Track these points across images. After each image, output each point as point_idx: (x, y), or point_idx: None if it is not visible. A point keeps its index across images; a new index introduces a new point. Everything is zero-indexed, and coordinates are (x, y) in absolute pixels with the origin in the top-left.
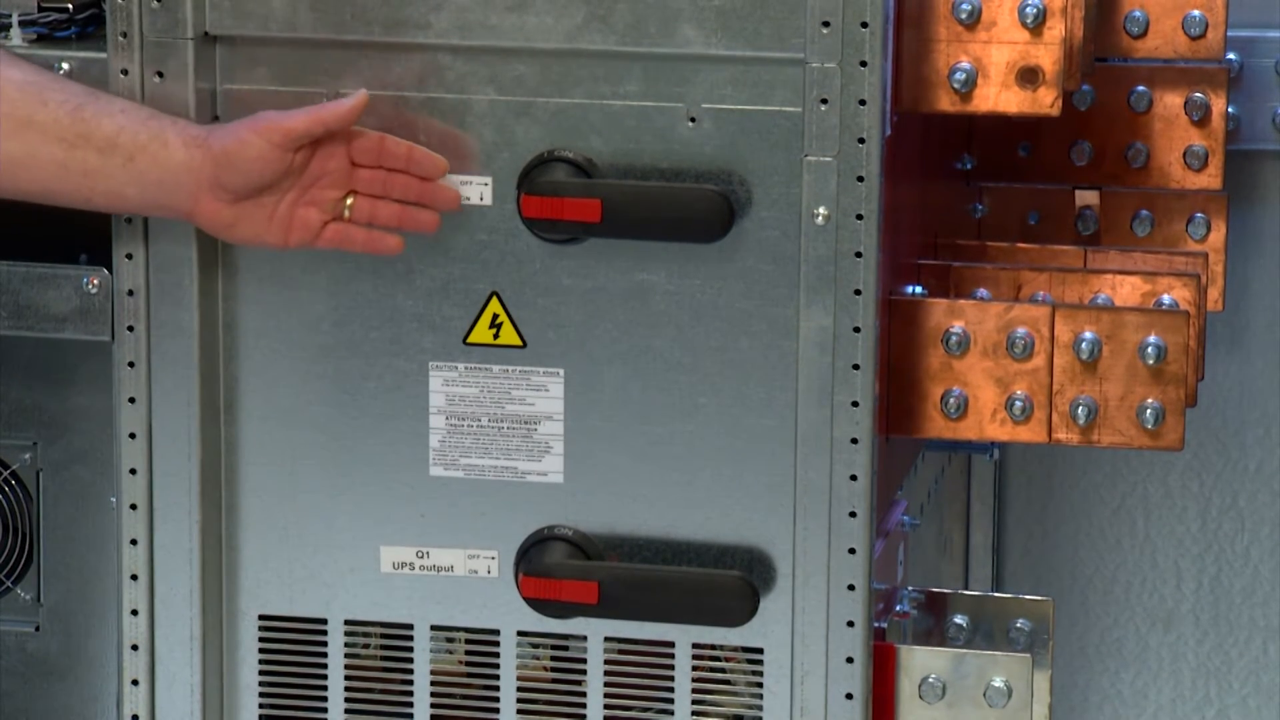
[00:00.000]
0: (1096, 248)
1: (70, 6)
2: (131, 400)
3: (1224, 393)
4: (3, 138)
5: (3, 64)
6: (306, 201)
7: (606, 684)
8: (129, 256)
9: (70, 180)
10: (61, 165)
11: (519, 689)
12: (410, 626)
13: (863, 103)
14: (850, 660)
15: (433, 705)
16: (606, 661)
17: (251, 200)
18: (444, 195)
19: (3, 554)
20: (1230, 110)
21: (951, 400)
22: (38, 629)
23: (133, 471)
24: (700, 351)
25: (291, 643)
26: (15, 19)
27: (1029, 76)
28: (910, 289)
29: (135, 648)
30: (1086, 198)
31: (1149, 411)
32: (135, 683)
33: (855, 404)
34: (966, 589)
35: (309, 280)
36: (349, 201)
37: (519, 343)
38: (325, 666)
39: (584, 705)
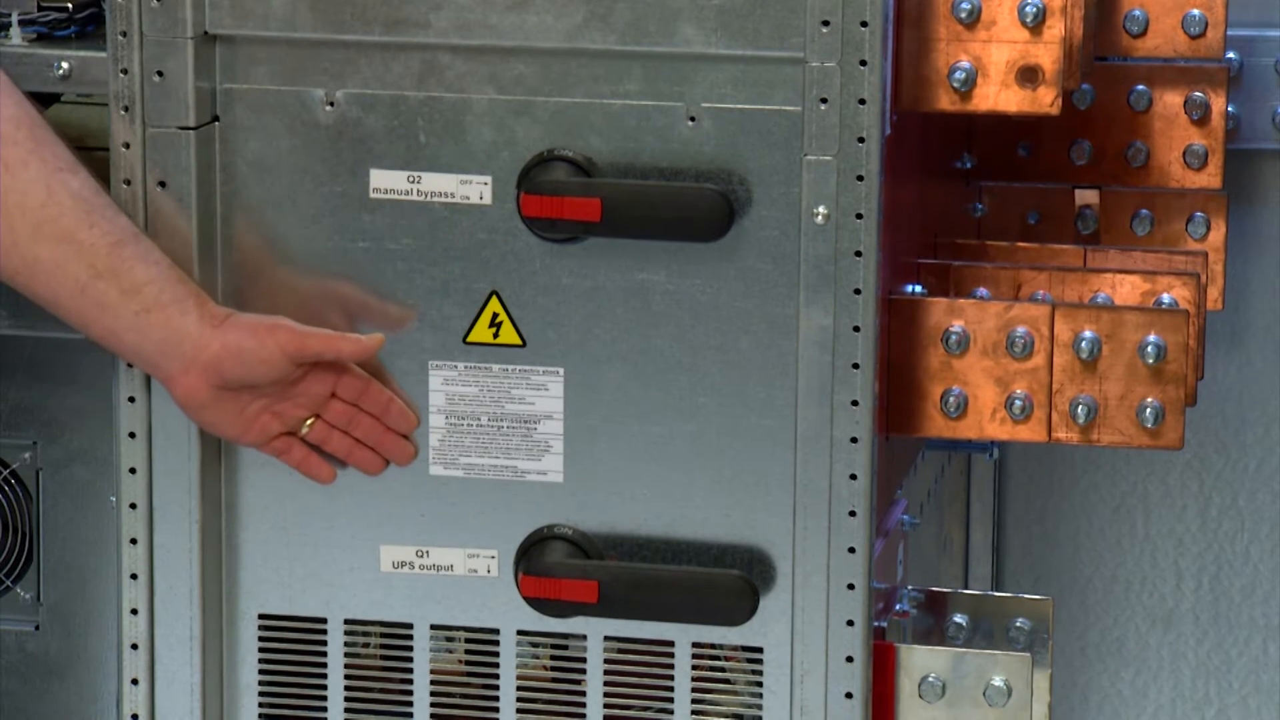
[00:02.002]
0: (1096, 247)
1: (70, 6)
2: (131, 399)
3: (1224, 392)
4: (42, 240)
5: (65, 172)
6: (274, 412)
7: (606, 683)
8: None
9: (81, 305)
10: (81, 289)
11: (519, 688)
12: (410, 626)
13: (862, 102)
14: (850, 659)
15: (433, 704)
16: (606, 661)
17: (232, 393)
18: (400, 450)
19: (2, 553)
20: (1230, 109)
21: (951, 399)
22: (38, 628)
23: (132, 471)
24: (700, 351)
25: (291, 642)
26: (15, 18)
27: (1029, 76)
28: (910, 288)
29: (135, 647)
30: (1086, 197)
31: (1149, 411)
32: (135, 682)
33: (855, 403)
34: (966, 588)
35: None
36: (308, 423)
37: (519, 342)
38: (325, 666)
39: (584, 704)
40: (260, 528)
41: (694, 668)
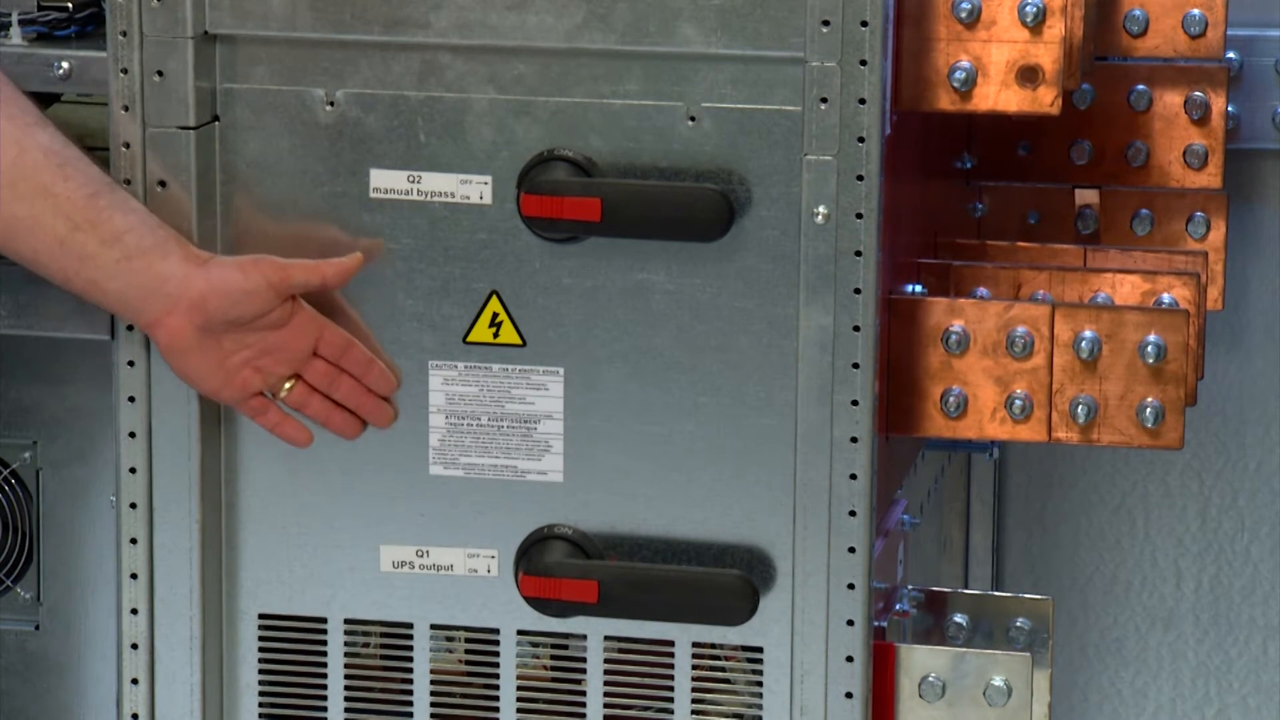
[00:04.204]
0: (1096, 247)
1: (70, 5)
2: (131, 399)
3: (1224, 392)
4: (18, 198)
5: (34, 127)
6: (256, 367)
7: (606, 683)
8: None
9: (62, 259)
10: (60, 242)
11: (519, 688)
12: (410, 625)
13: (862, 102)
14: (850, 659)
15: (433, 704)
16: (606, 660)
17: (215, 336)
18: (380, 412)
19: (2, 553)
20: (1230, 109)
21: (951, 399)
22: (37, 628)
23: (132, 470)
24: (700, 350)
25: (291, 642)
26: (15, 18)
27: (1029, 75)
28: (910, 288)
29: (135, 647)
30: (1086, 197)
31: (1149, 410)
32: (135, 682)
33: (855, 403)
34: (966, 588)
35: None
36: (288, 385)
37: (519, 342)
38: (325, 666)
39: (584, 704)
40: (260, 528)
41: (694, 667)
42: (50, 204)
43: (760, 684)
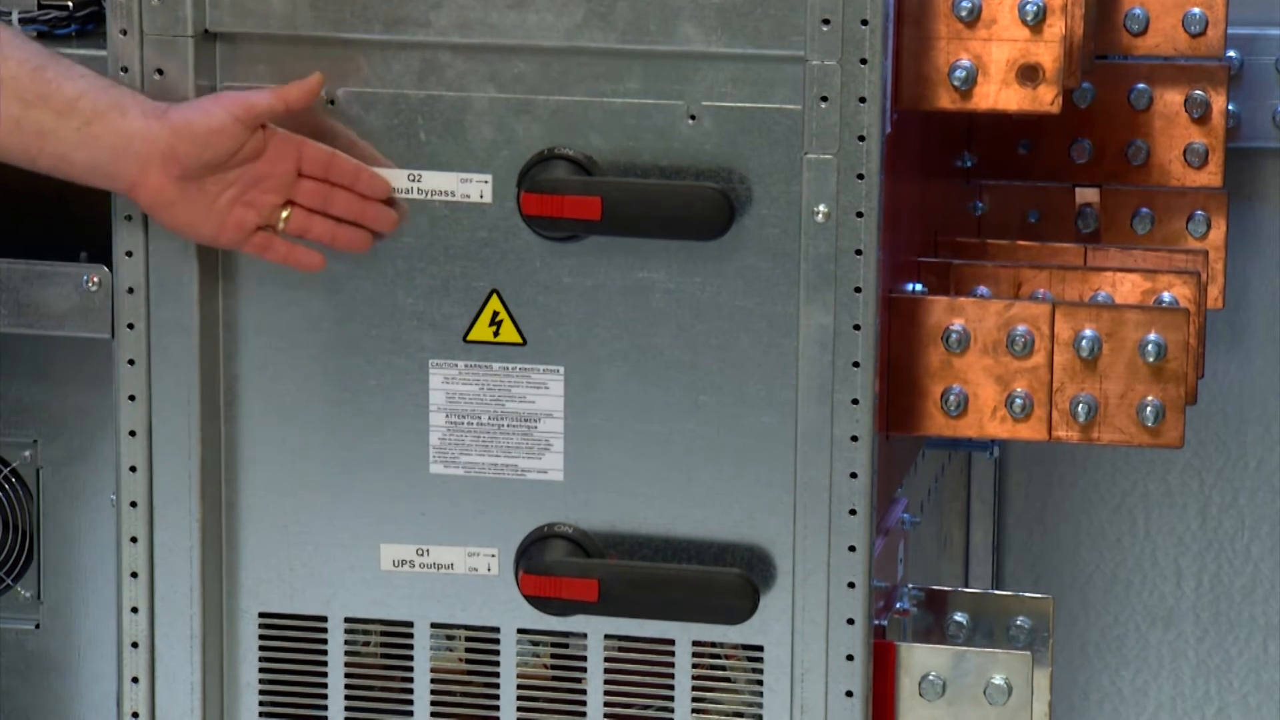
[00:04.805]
0: (1097, 245)
1: (70, 4)
2: (131, 398)
3: (1224, 390)
4: None
5: None
6: (246, 202)
7: (607, 682)
8: (129, 254)
9: (21, 138)
10: (16, 122)
11: (519, 687)
12: (410, 624)
13: (863, 100)
14: (850, 658)
15: (433, 703)
16: (607, 659)
17: (197, 182)
18: (382, 216)
19: (3, 551)
20: (1230, 108)
21: (951, 398)
22: (38, 626)
23: (133, 469)
24: (700, 349)
25: (292, 640)
26: (15, 16)
27: (1029, 74)
28: (910, 287)
29: (135, 645)
30: (1086, 195)
31: (1149, 409)
32: (135, 680)
33: (855, 402)
34: (966, 587)
35: (309, 278)
36: (285, 214)
37: (519, 340)
38: (325, 664)
39: (584, 703)
40: (260, 526)
41: (694, 666)
42: None
43: (760, 683)
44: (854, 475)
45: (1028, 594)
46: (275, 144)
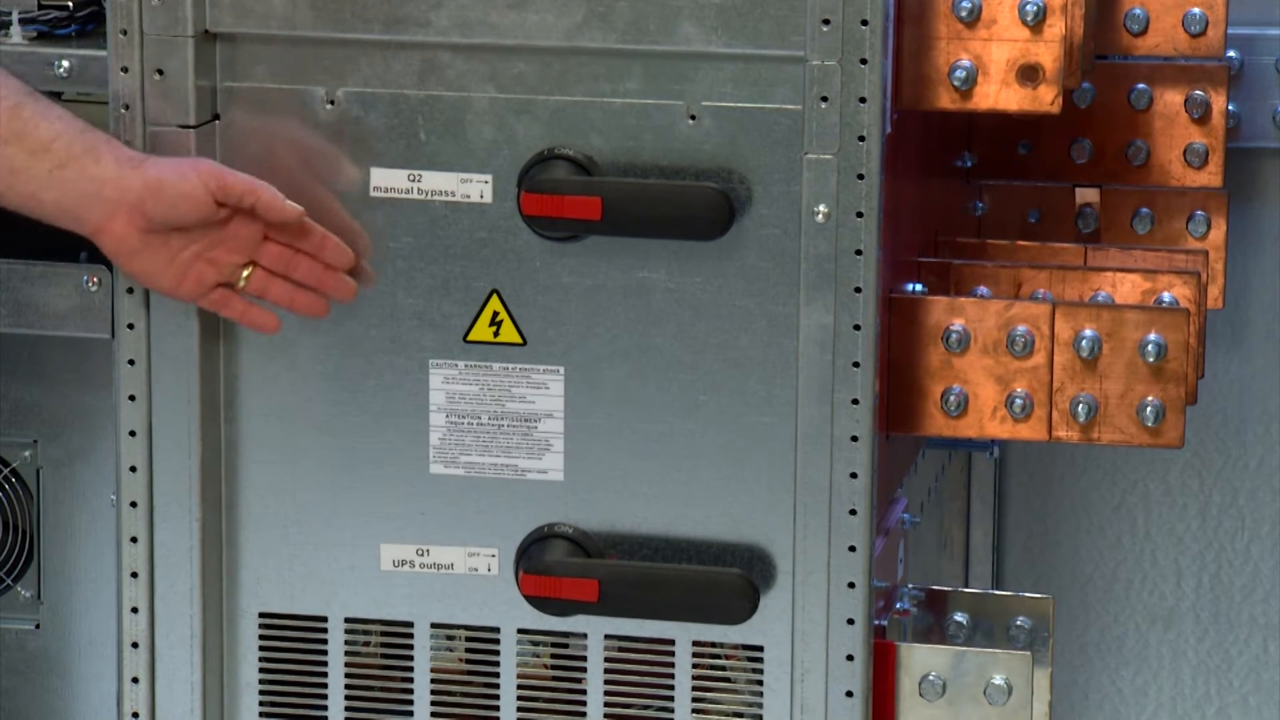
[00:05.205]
0: (1097, 245)
1: (70, 4)
2: (131, 398)
3: (1224, 390)
4: None
5: None
6: (208, 259)
7: (607, 682)
8: None
9: None
10: None
11: (519, 687)
12: (410, 624)
13: (863, 100)
14: (850, 658)
15: (433, 703)
16: (607, 659)
17: (161, 235)
18: (342, 286)
19: (3, 551)
20: (1230, 108)
21: (952, 398)
22: (38, 626)
23: (133, 469)
24: (700, 349)
25: (292, 640)
26: (15, 16)
27: (1029, 74)
28: (910, 287)
29: (135, 645)
30: (1087, 195)
31: (1149, 409)
32: (135, 680)
33: (855, 402)
34: (966, 586)
35: None
36: (245, 273)
37: (519, 340)
38: (325, 664)
39: (584, 703)
40: (260, 526)
41: (694, 666)
42: None
43: (761, 683)
44: (854, 475)
45: (1028, 594)
46: (244, 210)
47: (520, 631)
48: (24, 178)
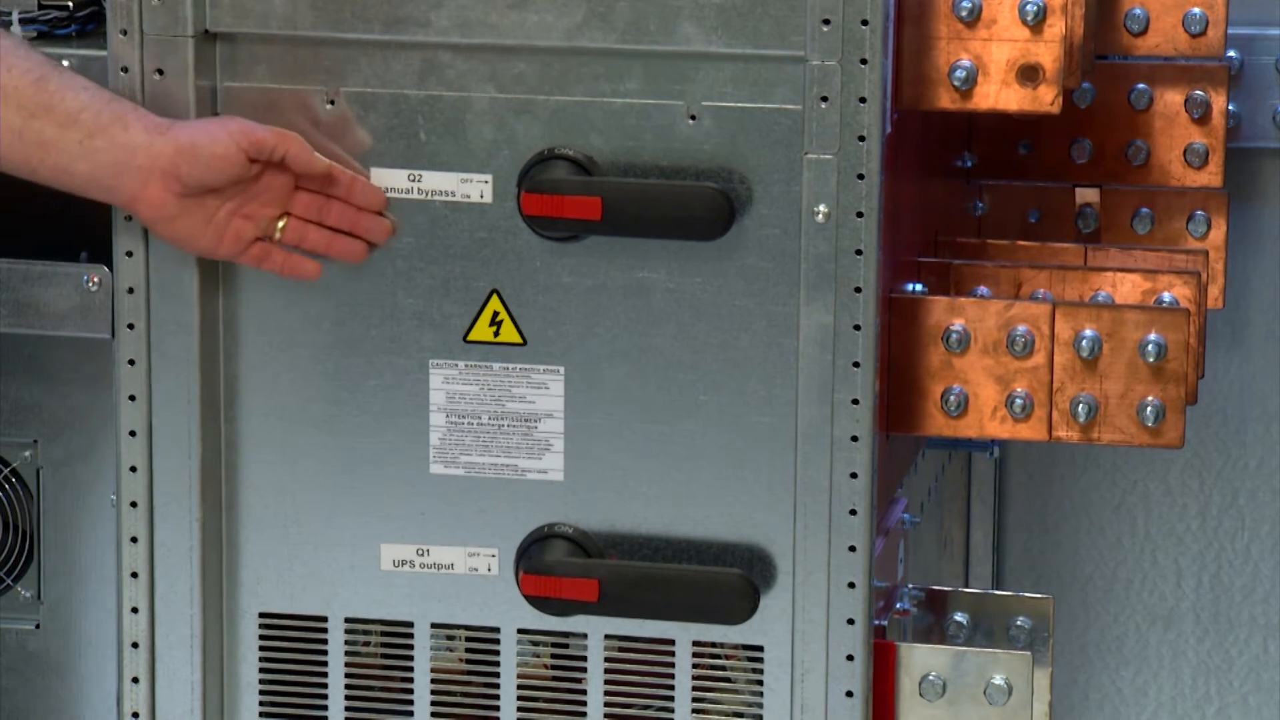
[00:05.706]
0: (1097, 245)
1: (70, 4)
2: (132, 398)
3: (1224, 390)
4: None
5: None
6: (244, 215)
7: (607, 682)
8: (129, 254)
9: (22, 149)
10: (17, 133)
11: (519, 687)
12: (410, 624)
13: (863, 100)
14: (850, 658)
15: (433, 703)
16: (607, 659)
17: (196, 198)
18: (377, 226)
19: (3, 551)
20: (1230, 108)
21: (952, 398)
22: (38, 626)
23: (133, 469)
24: (701, 349)
25: (292, 640)
26: (15, 16)
27: (1029, 74)
28: (910, 287)
29: (135, 645)
30: (1087, 195)
31: (1149, 409)
32: (135, 680)
33: (855, 402)
34: (966, 587)
35: None
36: (281, 224)
37: (519, 340)
38: (325, 664)
39: (584, 703)
40: (261, 526)
41: (694, 666)
42: None
43: (761, 683)
44: (854, 475)
45: (1028, 594)
46: (273, 164)
47: (520, 631)
48: (55, 150)
